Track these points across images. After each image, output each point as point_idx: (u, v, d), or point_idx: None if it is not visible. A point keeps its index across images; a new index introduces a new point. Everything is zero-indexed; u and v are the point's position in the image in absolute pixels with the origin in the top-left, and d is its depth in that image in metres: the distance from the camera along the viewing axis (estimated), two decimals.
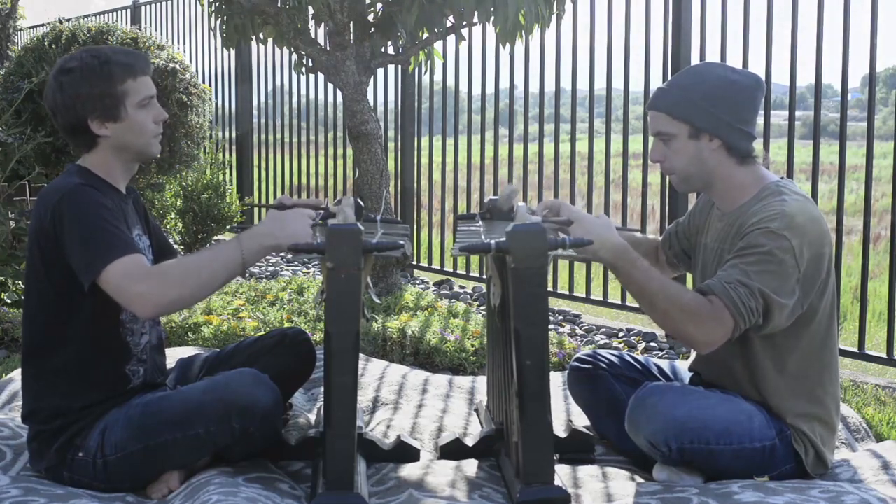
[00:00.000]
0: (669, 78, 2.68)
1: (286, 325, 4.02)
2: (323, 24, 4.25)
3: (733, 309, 2.12)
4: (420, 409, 2.91)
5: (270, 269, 5.99)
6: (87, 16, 9.13)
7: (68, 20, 6.53)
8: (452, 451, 2.49)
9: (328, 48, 4.44)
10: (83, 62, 2.19)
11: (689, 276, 3.41)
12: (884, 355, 3.67)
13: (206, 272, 2.07)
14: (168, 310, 2.11)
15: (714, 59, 4.02)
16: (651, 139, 2.39)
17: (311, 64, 4.51)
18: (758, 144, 2.36)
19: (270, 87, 7.34)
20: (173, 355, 3.01)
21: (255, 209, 7.16)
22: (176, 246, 5.79)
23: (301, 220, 2.13)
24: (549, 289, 3.74)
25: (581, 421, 2.71)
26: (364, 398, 3.00)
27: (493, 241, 2.09)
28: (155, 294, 2.05)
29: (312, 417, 2.75)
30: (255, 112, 7.58)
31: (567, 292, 4.82)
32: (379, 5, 4.48)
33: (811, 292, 2.20)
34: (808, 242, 2.16)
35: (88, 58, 2.20)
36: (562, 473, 2.29)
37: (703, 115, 2.26)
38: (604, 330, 4.45)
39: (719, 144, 2.28)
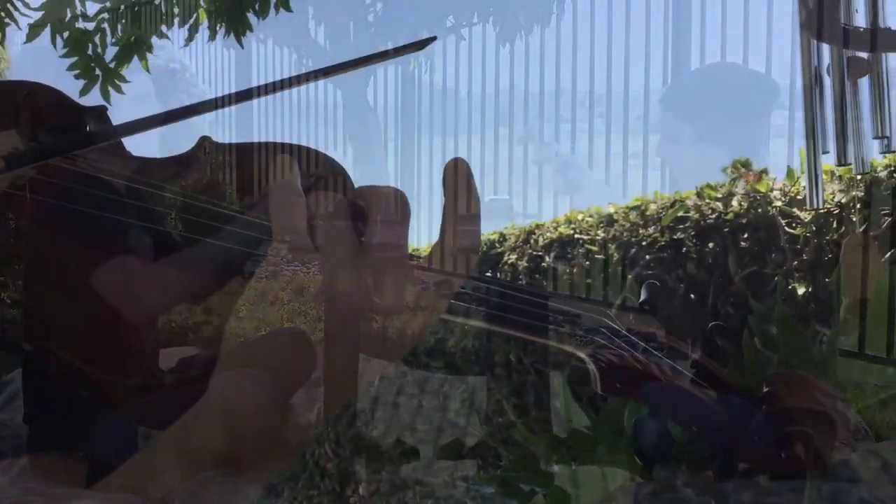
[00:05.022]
0: (669, 78, 2.67)
1: (286, 325, 4.02)
2: (323, 23, 4.25)
3: None
4: (420, 409, 2.91)
5: (270, 268, 5.98)
6: (86, 16, 9.12)
7: (68, 20, 6.53)
8: (452, 451, 2.49)
9: (328, 48, 4.44)
10: None
11: None
12: (884, 355, 3.67)
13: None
14: (162, 311, 2.11)
15: (714, 60, 4.02)
16: (655, 140, 2.39)
17: (311, 64, 4.51)
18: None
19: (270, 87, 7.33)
20: (173, 355, 3.02)
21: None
22: None
23: None
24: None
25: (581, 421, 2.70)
26: (364, 398, 3.00)
27: None
28: (149, 296, 2.03)
29: (312, 417, 2.75)
30: (255, 112, 7.56)
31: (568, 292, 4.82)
32: (379, 5, 4.48)
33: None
34: None
35: None
36: (562, 473, 2.28)
37: None
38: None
39: None
